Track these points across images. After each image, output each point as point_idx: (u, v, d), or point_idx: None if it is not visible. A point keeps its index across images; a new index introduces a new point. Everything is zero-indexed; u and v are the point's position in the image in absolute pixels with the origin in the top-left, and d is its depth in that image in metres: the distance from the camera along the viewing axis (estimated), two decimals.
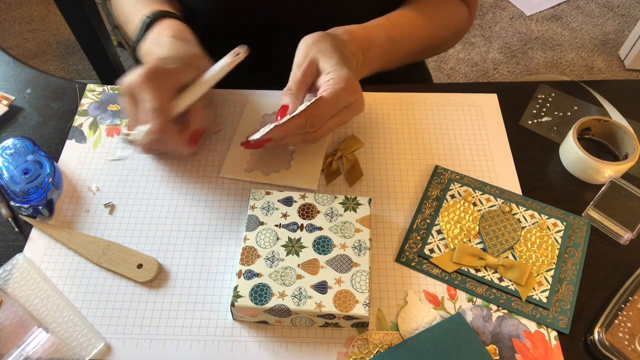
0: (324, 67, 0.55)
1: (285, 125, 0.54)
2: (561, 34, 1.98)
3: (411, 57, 0.70)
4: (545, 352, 0.49)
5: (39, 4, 2.11)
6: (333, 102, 0.53)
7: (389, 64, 0.67)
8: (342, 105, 0.55)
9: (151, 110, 0.53)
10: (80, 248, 0.55)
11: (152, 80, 0.53)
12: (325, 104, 0.53)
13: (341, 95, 0.53)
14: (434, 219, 0.58)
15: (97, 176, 0.61)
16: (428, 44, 0.70)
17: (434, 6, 0.69)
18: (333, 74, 0.54)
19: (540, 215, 0.57)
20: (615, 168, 0.59)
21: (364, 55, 0.61)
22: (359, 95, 0.55)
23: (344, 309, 0.48)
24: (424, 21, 0.67)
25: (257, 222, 0.54)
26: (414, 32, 0.67)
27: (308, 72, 0.56)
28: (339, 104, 0.54)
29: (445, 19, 0.71)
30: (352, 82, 0.54)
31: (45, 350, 0.49)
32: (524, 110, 0.68)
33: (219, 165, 0.62)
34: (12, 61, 0.74)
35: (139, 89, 0.53)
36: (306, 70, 0.55)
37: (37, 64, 1.91)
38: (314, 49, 0.56)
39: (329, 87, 0.53)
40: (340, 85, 0.53)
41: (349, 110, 0.56)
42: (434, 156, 0.63)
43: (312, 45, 0.56)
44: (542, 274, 0.54)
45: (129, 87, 0.54)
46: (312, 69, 0.56)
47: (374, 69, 0.65)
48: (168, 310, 0.52)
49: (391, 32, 0.64)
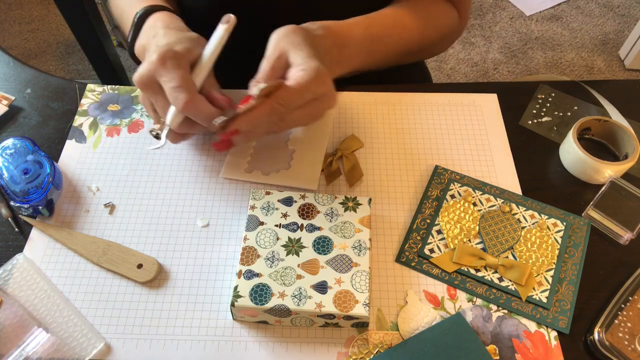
0: (294, 59, 0.54)
1: (250, 115, 0.53)
2: (561, 34, 1.98)
3: (397, 58, 0.69)
4: (545, 352, 0.49)
5: (39, 4, 2.11)
6: (299, 92, 0.52)
7: (371, 63, 0.66)
8: (311, 97, 0.53)
9: (175, 88, 0.52)
10: (80, 248, 0.55)
11: (167, 61, 0.52)
12: (291, 93, 0.52)
13: (309, 86, 0.52)
14: (434, 219, 0.58)
15: (97, 176, 0.61)
16: (415, 45, 0.69)
17: (420, 7, 0.68)
18: (303, 65, 0.52)
19: (540, 215, 0.57)
20: (615, 168, 0.59)
21: (341, 51, 0.60)
22: (328, 88, 0.54)
23: (344, 309, 0.48)
24: (409, 21, 0.67)
25: (257, 222, 0.54)
26: (397, 32, 0.66)
27: (277, 65, 0.54)
28: (306, 94, 0.53)
29: (433, 20, 0.70)
30: (321, 74, 0.52)
31: (45, 350, 0.49)
32: (524, 110, 0.68)
33: (219, 166, 0.62)
34: (12, 61, 0.74)
35: (158, 74, 0.52)
36: (275, 63, 0.54)
37: (37, 64, 1.91)
38: (285, 40, 0.55)
39: (296, 77, 0.52)
40: (309, 75, 0.52)
41: (318, 102, 0.54)
42: (434, 156, 0.63)
43: (283, 37, 0.55)
44: (542, 274, 0.54)
45: (145, 78, 0.53)
46: (281, 62, 0.55)
47: (353, 66, 0.64)
48: (168, 310, 0.52)
49: (372, 30, 0.64)
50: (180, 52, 0.54)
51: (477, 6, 2.10)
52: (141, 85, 0.54)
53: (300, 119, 0.55)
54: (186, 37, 0.56)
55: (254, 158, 0.62)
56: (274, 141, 0.64)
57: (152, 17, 0.60)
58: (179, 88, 0.52)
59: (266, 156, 0.62)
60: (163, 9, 0.61)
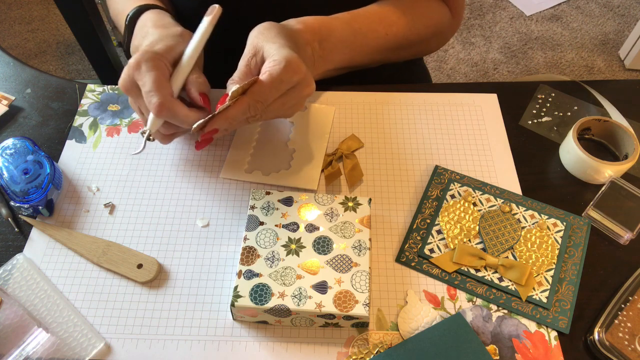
0: (268, 52, 0.53)
1: (227, 114, 0.52)
2: (561, 34, 1.98)
3: (386, 54, 0.69)
4: (545, 352, 0.49)
5: (39, 4, 2.11)
6: (273, 85, 0.51)
7: (358, 59, 0.66)
8: (286, 87, 0.53)
9: (148, 92, 0.52)
10: (80, 248, 0.55)
11: (141, 65, 0.52)
12: (265, 87, 0.51)
13: (281, 77, 0.51)
14: (434, 219, 0.58)
15: (97, 176, 0.61)
16: (403, 41, 0.69)
17: (406, 4, 0.68)
18: (275, 56, 0.52)
19: (540, 215, 0.57)
20: (615, 168, 0.59)
21: (322, 45, 0.60)
22: (302, 75, 0.53)
23: (344, 309, 0.48)
24: (395, 17, 0.67)
25: (257, 222, 0.54)
26: (382, 27, 0.66)
27: (252, 62, 0.54)
28: (281, 86, 0.52)
29: (422, 17, 0.70)
30: (293, 62, 0.52)
31: (45, 350, 0.49)
32: (524, 110, 0.68)
33: (219, 166, 0.62)
34: (12, 61, 0.74)
35: (135, 77, 0.53)
36: (249, 60, 0.54)
37: (37, 64, 1.91)
38: (259, 37, 0.55)
39: (268, 70, 0.51)
40: (280, 66, 0.51)
41: (294, 90, 0.54)
42: (434, 156, 0.63)
43: (257, 35, 0.55)
44: (542, 274, 0.54)
45: (126, 82, 0.53)
46: (257, 58, 0.55)
47: (337, 61, 0.64)
48: (168, 310, 0.52)
49: (354, 25, 0.64)
50: (159, 52, 0.54)
51: (477, 6, 2.10)
52: (123, 90, 0.54)
53: (280, 110, 0.55)
54: (170, 33, 0.56)
55: (254, 158, 0.62)
56: (274, 141, 0.64)
57: (142, 17, 0.60)
58: (151, 92, 0.52)
59: (266, 156, 0.62)
60: (153, 7, 0.61)
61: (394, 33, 0.67)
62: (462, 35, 1.99)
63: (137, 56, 0.53)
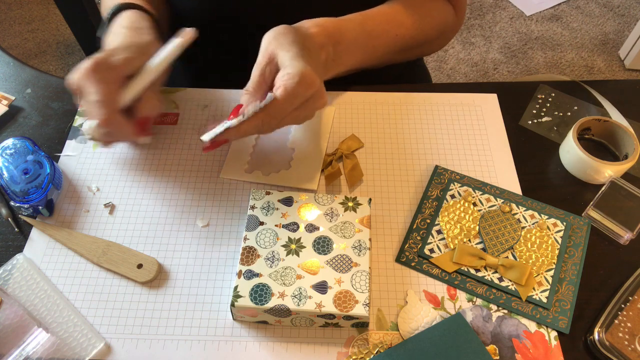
0: (282, 61, 0.53)
1: (241, 127, 0.53)
2: (561, 34, 1.98)
3: (394, 55, 0.69)
4: (545, 352, 0.49)
5: (39, 4, 2.11)
6: (288, 101, 0.51)
7: (368, 60, 0.66)
8: (300, 102, 0.53)
9: (94, 103, 0.52)
10: (80, 248, 0.55)
11: (95, 73, 0.52)
12: (280, 105, 0.51)
13: (296, 92, 0.51)
14: (434, 219, 0.58)
15: (97, 176, 0.61)
16: (412, 41, 0.69)
17: (415, 4, 0.68)
18: (288, 68, 0.52)
19: (540, 215, 0.57)
20: (615, 168, 0.59)
21: (335, 48, 0.60)
22: (316, 89, 0.53)
23: (344, 309, 0.48)
24: (404, 18, 0.67)
25: (257, 222, 0.54)
26: (393, 28, 0.66)
27: (267, 70, 0.54)
28: (295, 100, 0.52)
29: (429, 17, 0.70)
30: (307, 76, 0.51)
31: (45, 350, 0.49)
32: (524, 110, 0.68)
33: (219, 166, 0.62)
34: (12, 61, 0.74)
35: (83, 83, 0.53)
36: (264, 69, 0.54)
37: (37, 64, 1.91)
38: (273, 43, 0.54)
39: (282, 84, 0.51)
40: (294, 80, 0.51)
41: (308, 103, 0.54)
42: (434, 156, 0.63)
43: (272, 40, 0.55)
44: (542, 274, 0.54)
45: (74, 85, 0.54)
46: (271, 67, 0.54)
47: (350, 63, 0.63)
48: (168, 310, 0.52)
49: (366, 26, 0.63)
50: (113, 64, 0.53)
51: (477, 6, 2.09)
52: (70, 89, 0.54)
53: (291, 121, 0.55)
54: (137, 41, 0.56)
55: (254, 158, 0.62)
56: (274, 141, 0.64)
57: (120, 16, 0.60)
58: (97, 104, 0.52)
59: (266, 156, 0.62)
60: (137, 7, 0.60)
61: (403, 34, 0.67)
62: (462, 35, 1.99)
63: (92, 62, 0.53)
